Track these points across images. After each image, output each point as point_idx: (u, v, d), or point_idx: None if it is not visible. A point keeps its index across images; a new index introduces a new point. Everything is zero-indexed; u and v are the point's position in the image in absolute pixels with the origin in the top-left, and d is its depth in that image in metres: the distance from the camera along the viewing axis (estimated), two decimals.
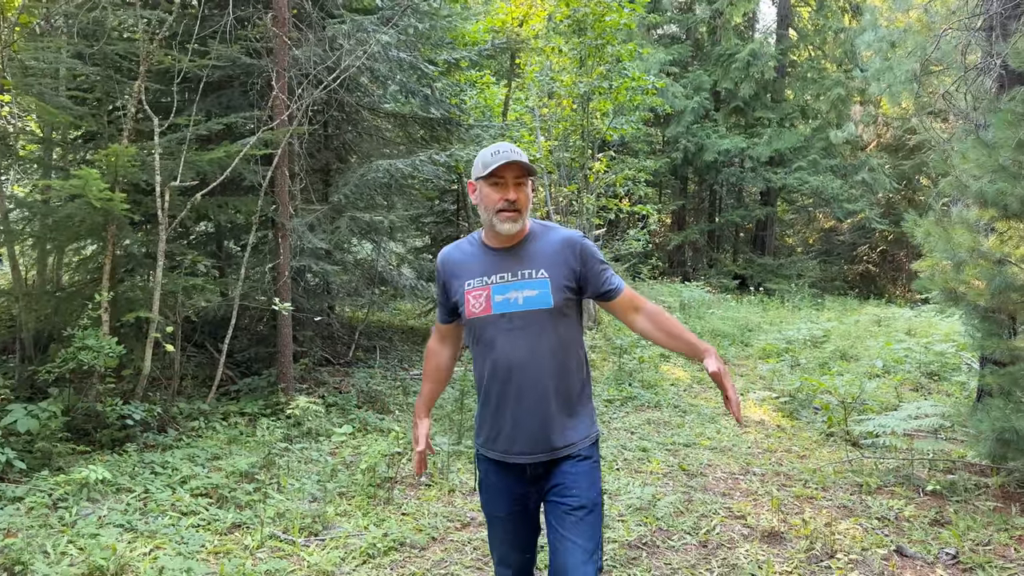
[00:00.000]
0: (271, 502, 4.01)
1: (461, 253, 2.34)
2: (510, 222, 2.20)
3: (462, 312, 2.28)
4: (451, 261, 2.33)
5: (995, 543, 4.06)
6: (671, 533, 4.12)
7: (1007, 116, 4.88)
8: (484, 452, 2.37)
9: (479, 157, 2.26)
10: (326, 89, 5.63)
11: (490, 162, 2.19)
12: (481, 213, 2.27)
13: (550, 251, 2.30)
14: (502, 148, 2.22)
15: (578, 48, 10.41)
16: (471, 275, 2.27)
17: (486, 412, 2.32)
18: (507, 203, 2.19)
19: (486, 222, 2.25)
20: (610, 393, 7.40)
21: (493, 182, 2.20)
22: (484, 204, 2.23)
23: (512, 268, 2.25)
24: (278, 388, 5.65)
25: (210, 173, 5.29)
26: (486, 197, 2.22)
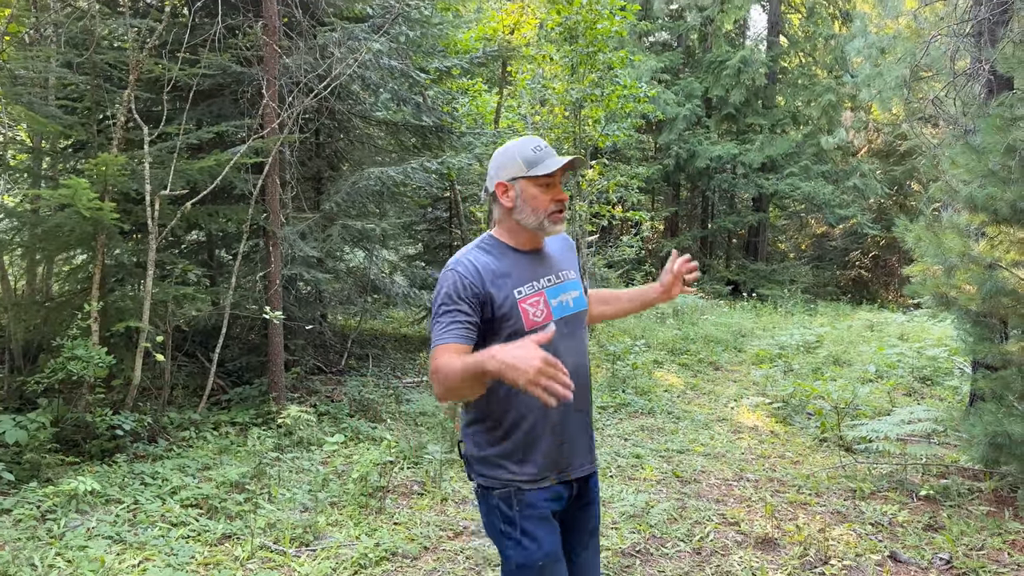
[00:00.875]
0: (262, 512, 3.97)
1: (492, 260, 2.06)
2: (561, 223, 2.08)
3: (511, 324, 2.00)
4: (488, 270, 2.02)
5: (988, 548, 4.06)
6: (665, 540, 4.10)
7: (995, 121, 4.90)
8: (529, 484, 2.04)
9: (513, 153, 2.07)
10: (317, 97, 5.62)
11: (536, 159, 2.03)
12: (523, 216, 2.06)
13: (561, 250, 2.24)
14: (539, 142, 2.07)
15: (569, 56, 10.43)
16: (517, 282, 2.04)
17: (539, 431, 2.04)
18: (559, 204, 2.06)
19: (532, 224, 2.06)
20: (604, 400, 7.38)
21: (543, 183, 2.04)
22: (531, 206, 2.05)
23: (552, 270, 2.14)
24: (269, 397, 5.62)
25: (200, 182, 5.26)
26: (533, 199, 2.04)
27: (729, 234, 23.04)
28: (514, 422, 2.05)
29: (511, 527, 2.03)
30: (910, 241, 5.24)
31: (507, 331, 1.99)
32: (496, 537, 2.09)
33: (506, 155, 2.08)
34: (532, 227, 2.06)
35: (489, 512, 2.09)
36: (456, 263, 2.04)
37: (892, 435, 5.51)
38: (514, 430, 2.05)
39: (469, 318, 1.97)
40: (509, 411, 2.04)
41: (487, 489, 2.07)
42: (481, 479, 2.08)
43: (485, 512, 2.11)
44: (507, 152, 2.08)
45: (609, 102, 11.14)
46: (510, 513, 2.04)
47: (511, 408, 2.04)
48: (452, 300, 1.96)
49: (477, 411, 2.08)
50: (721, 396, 7.99)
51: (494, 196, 2.10)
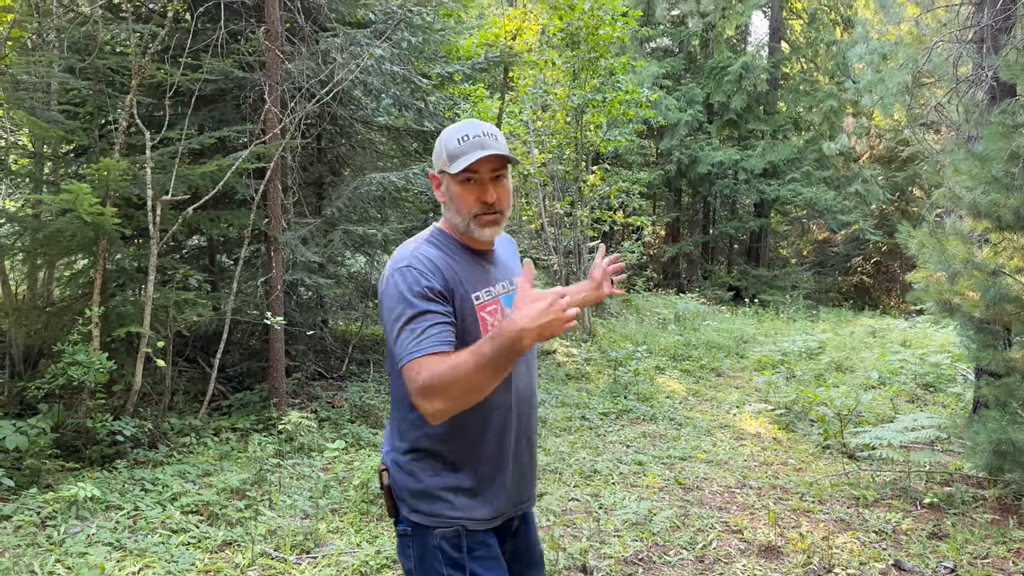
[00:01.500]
0: (262, 519, 3.96)
1: (444, 256, 1.77)
2: (491, 227, 1.77)
3: (467, 336, 1.69)
4: (445, 267, 1.73)
5: (993, 556, 4.03)
6: (667, 548, 4.08)
7: (998, 128, 4.89)
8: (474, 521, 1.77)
9: (441, 141, 1.78)
10: (319, 103, 5.62)
11: (457, 152, 1.73)
12: (450, 215, 1.80)
13: (510, 253, 2.00)
14: (472, 130, 1.75)
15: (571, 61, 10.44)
16: (473, 285, 1.77)
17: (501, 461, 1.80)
18: (484, 207, 1.75)
19: (459, 226, 1.79)
20: (605, 406, 7.36)
21: (464, 179, 1.74)
22: (455, 207, 1.77)
23: (504, 275, 1.88)
24: (270, 403, 5.60)
25: (202, 187, 5.26)
26: (456, 199, 1.76)
27: (731, 240, 23.04)
28: (474, 450, 1.78)
29: (458, 572, 1.74)
30: (913, 247, 5.22)
31: (459, 340, 1.67)
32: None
33: (438, 144, 1.80)
34: (460, 228, 1.79)
35: (426, 555, 1.75)
36: (409, 258, 1.71)
37: (895, 442, 5.48)
38: (472, 459, 1.77)
39: (446, 317, 1.66)
40: (472, 437, 1.76)
41: (425, 528, 1.75)
42: (417, 516, 1.75)
43: (419, 556, 1.77)
44: (440, 141, 1.80)
45: (611, 108, 11.15)
46: (456, 556, 1.74)
47: (476, 433, 1.77)
48: (418, 300, 1.63)
49: (425, 436, 1.75)
50: (723, 402, 7.96)
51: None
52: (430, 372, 1.53)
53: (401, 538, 1.80)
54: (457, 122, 1.85)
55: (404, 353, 1.58)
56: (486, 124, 1.77)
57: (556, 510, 4.51)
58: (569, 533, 4.21)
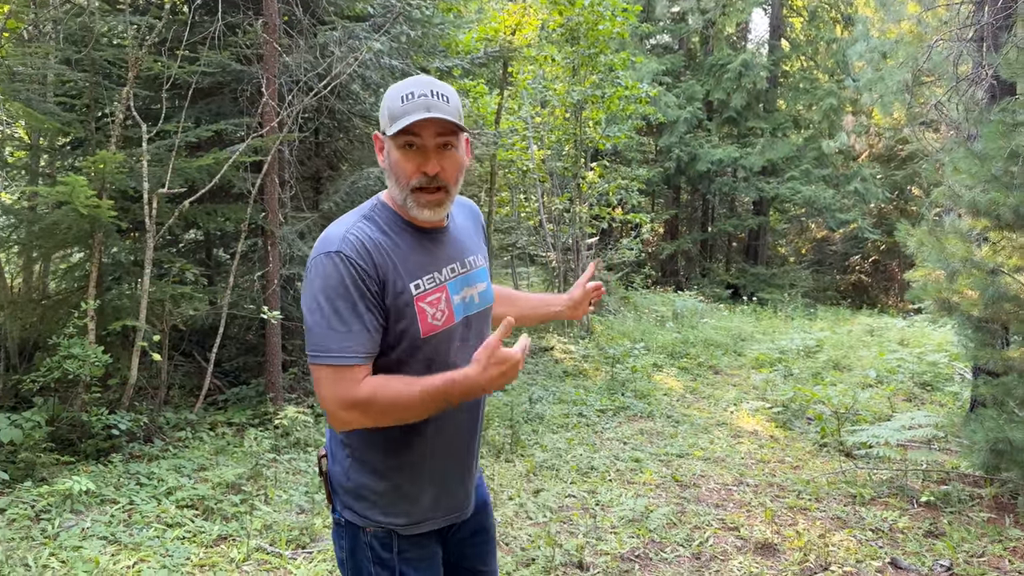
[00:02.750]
0: (258, 514, 3.94)
1: (385, 235, 1.54)
2: (431, 208, 1.55)
3: (401, 327, 1.53)
4: (380, 251, 1.51)
5: (989, 555, 4.03)
6: (664, 545, 4.07)
7: (998, 127, 4.88)
8: (406, 528, 1.65)
9: (385, 98, 1.54)
10: (317, 96, 5.59)
11: (399, 112, 1.48)
12: (390, 186, 1.57)
13: (468, 227, 1.78)
14: (418, 87, 1.50)
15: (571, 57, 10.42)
16: (413, 272, 1.55)
17: (428, 462, 1.65)
18: (424, 178, 1.52)
19: (398, 199, 1.56)
20: (602, 403, 7.35)
21: (404, 143, 1.50)
22: (394, 176, 1.54)
23: (457, 255, 1.66)
24: (266, 398, 5.59)
25: (199, 180, 5.24)
26: (395, 166, 1.53)
27: (729, 237, 23.04)
28: (407, 454, 1.63)
29: (386, 572, 1.64)
30: (912, 245, 5.21)
31: (394, 335, 1.53)
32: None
33: (383, 100, 1.56)
34: (399, 202, 1.57)
35: (356, 550, 1.65)
36: (339, 242, 1.48)
37: (892, 440, 5.48)
38: (403, 463, 1.63)
39: (374, 320, 1.49)
40: (411, 443, 1.62)
41: (355, 526, 1.64)
42: (348, 514, 1.64)
43: (349, 548, 1.66)
44: (384, 97, 1.56)
45: (610, 104, 11.12)
46: (386, 556, 1.64)
47: (414, 440, 1.62)
48: (344, 293, 1.45)
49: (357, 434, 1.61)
50: (721, 400, 7.96)
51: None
52: (374, 390, 1.44)
53: (335, 527, 1.70)
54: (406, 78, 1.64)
55: (326, 351, 1.45)
56: (439, 83, 1.54)
57: (553, 506, 4.51)
58: (566, 529, 4.20)
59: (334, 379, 1.44)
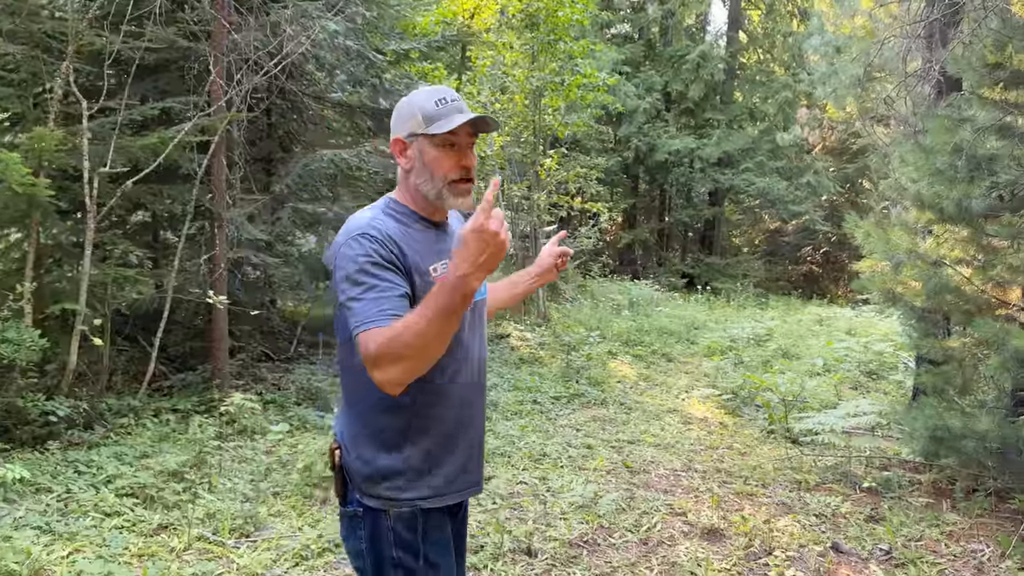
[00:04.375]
0: (201, 502, 3.85)
1: (403, 227, 1.69)
2: (465, 196, 1.71)
3: None
4: (403, 239, 1.65)
5: (927, 539, 4.15)
6: (612, 531, 4.10)
7: (944, 122, 4.99)
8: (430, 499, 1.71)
9: (414, 104, 1.70)
10: (267, 75, 5.45)
11: (437, 115, 1.66)
12: (421, 181, 1.70)
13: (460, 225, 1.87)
14: (447, 94, 1.71)
15: (530, 43, 10.36)
16: (431, 259, 1.69)
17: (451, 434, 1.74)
18: (465, 171, 1.69)
19: (430, 192, 1.70)
20: (557, 390, 7.38)
21: (444, 142, 1.66)
22: (431, 171, 1.68)
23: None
24: (212, 384, 5.46)
25: (143, 160, 5.06)
26: (434, 163, 1.67)
27: (685, 227, 23.30)
28: (435, 423, 1.71)
29: (411, 556, 1.68)
30: (859, 237, 5.31)
31: None
32: (380, 568, 1.70)
33: (406, 107, 1.72)
34: (431, 196, 1.70)
35: (377, 538, 1.69)
36: (365, 227, 1.62)
37: (838, 428, 5.60)
38: (434, 433, 1.71)
39: (403, 289, 1.58)
40: (435, 408, 1.70)
41: (376, 512, 1.67)
42: (370, 499, 1.67)
43: (370, 537, 1.70)
44: (409, 104, 1.72)
45: (569, 92, 11.11)
46: (410, 538, 1.68)
47: (438, 404, 1.71)
48: (378, 269, 1.56)
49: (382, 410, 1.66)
50: (673, 387, 8.05)
51: (393, 157, 1.78)
52: (385, 336, 1.47)
53: (350, 519, 1.71)
54: (421, 87, 1.77)
55: (363, 320, 1.50)
56: (453, 90, 1.74)
57: (503, 493, 4.50)
58: (516, 516, 4.20)
59: (369, 341, 1.48)
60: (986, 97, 4.84)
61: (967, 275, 4.89)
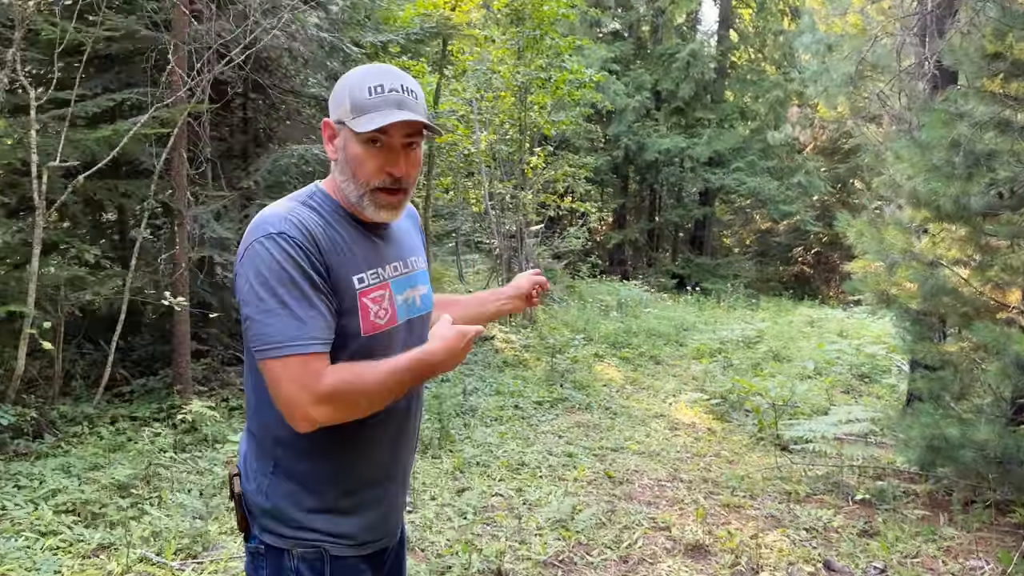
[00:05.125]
0: (147, 519, 3.58)
1: (328, 224, 1.40)
2: (389, 209, 1.44)
3: (344, 326, 1.38)
4: (324, 236, 1.37)
5: (923, 555, 3.92)
6: (591, 548, 3.86)
7: (940, 116, 4.77)
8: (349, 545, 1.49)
9: (347, 85, 1.41)
10: (231, 65, 5.17)
11: (367, 105, 1.36)
12: (343, 179, 1.42)
13: (409, 227, 1.67)
14: (388, 80, 1.39)
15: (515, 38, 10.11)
16: (357, 265, 1.42)
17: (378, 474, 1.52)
18: (389, 179, 1.40)
19: (351, 195, 1.42)
20: (540, 395, 7.12)
21: (370, 139, 1.37)
22: (351, 172, 1.40)
23: (399, 254, 1.54)
24: (174, 390, 5.18)
25: (100, 153, 4.79)
26: (355, 161, 1.39)
27: (676, 228, 23.08)
28: (361, 462, 1.49)
29: None
30: (852, 236, 5.09)
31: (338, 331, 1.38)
32: None
33: (340, 87, 1.42)
34: (351, 199, 1.43)
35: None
36: (281, 223, 1.33)
37: (829, 435, 5.37)
38: (357, 473, 1.49)
39: (328, 305, 1.35)
40: (363, 447, 1.48)
41: (278, 550, 1.45)
42: (269, 536, 1.45)
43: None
44: (343, 84, 1.42)
45: (556, 89, 10.87)
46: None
47: (367, 442, 1.48)
48: (296, 277, 1.30)
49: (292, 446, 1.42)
50: (660, 391, 7.81)
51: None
52: (340, 378, 1.30)
53: (252, 556, 1.49)
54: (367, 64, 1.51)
55: (284, 341, 1.28)
56: (404, 75, 1.42)
57: (476, 506, 4.24)
58: (488, 532, 3.95)
59: (299, 372, 1.29)
60: (984, 90, 4.62)
61: (964, 276, 4.67)
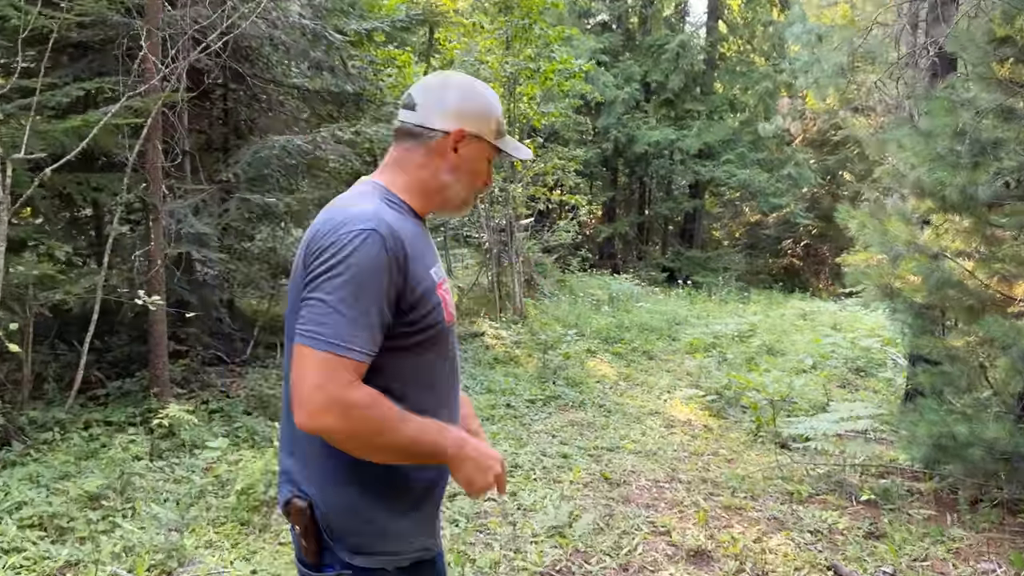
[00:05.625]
0: (119, 533, 3.37)
1: (406, 227, 1.42)
2: (467, 210, 1.63)
3: (432, 317, 1.41)
4: (407, 236, 1.39)
5: (932, 558, 3.78)
6: (589, 555, 3.69)
7: (943, 103, 4.61)
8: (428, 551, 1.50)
9: (491, 105, 1.54)
10: (207, 51, 4.95)
11: (504, 131, 1.57)
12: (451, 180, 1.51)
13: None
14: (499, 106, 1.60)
15: (504, 27, 9.90)
16: (431, 260, 1.49)
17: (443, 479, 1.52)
18: (486, 189, 1.63)
19: (455, 197, 1.53)
20: (532, 393, 6.95)
21: (490, 158, 1.55)
22: (470, 178, 1.53)
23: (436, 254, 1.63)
24: (151, 393, 4.96)
25: (70, 145, 4.55)
26: (476, 173, 1.53)
27: (665, 220, 22.94)
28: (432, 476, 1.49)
29: None
30: (854, 228, 4.93)
31: (424, 326, 1.40)
32: None
33: (483, 104, 1.53)
34: (454, 200, 1.53)
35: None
36: (376, 221, 1.33)
37: (831, 433, 5.23)
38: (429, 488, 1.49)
39: (385, 319, 1.33)
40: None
41: (371, 571, 1.39)
42: (362, 559, 1.38)
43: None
44: (486, 102, 1.53)
45: (545, 79, 10.68)
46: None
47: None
48: (375, 281, 1.30)
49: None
50: (654, 387, 7.66)
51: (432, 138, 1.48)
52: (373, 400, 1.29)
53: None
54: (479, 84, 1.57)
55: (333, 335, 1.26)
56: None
57: (468, 513, 4.06)
58: (482, 540, 3.77)
59: (331, 368, 1.26)
60: (990, 76, 4.46)
61: (969, 268, 4.53)
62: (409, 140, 1.49)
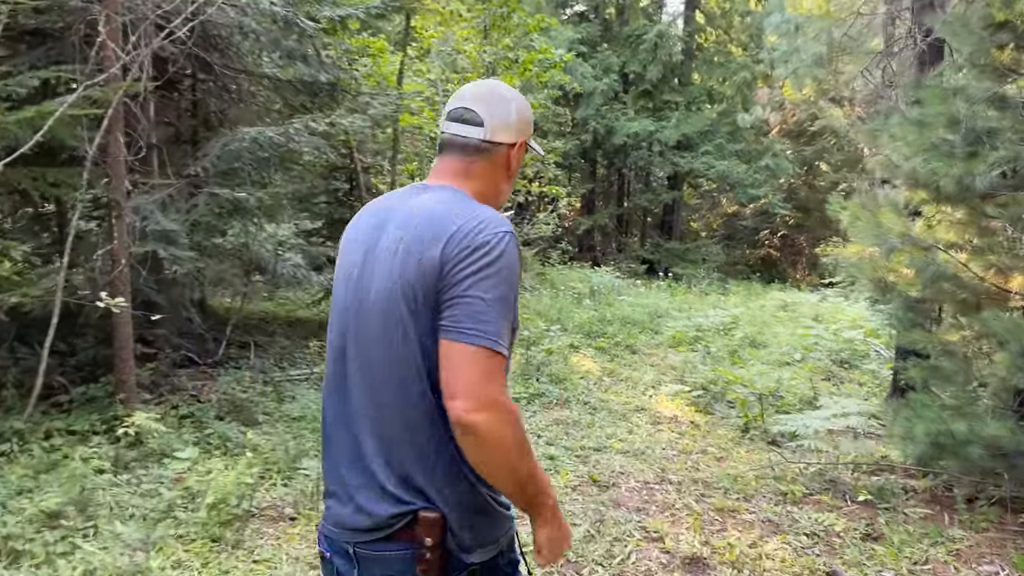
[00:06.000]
0: (79, 555, 3.14)
1: None
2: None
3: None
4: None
5: (933, 561, 3.68)
6: (581, 566, 3.53)
7: (937, 92, 4.50)
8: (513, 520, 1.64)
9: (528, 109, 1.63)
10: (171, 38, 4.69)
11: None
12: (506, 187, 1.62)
13: None
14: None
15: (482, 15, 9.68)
16: None
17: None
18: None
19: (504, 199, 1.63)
20: (516, 390, 6.77)
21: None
22: (515, 177, 1.63)
23: None
24: (116, 399, 4.71)
25: (24, 138, 4.28)
26: (518, 168, 1.63)
27: (644, 212, 22.87)
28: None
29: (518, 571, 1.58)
30: (846, 220, 4.81)
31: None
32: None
33: (529, 110, 1.62)
34: (501, 203, 1.62)
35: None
36: (507, 223, 1.44)
37: (822, 430, 5.13)
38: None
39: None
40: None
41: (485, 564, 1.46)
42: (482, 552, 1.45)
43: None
44: (529, 107, 1.63)
45: (524, 69, 10.48)
46: (517, 556, 1.59)
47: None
48: (517, 283, 1.40)
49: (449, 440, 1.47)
50: (639, 383, 7.52)
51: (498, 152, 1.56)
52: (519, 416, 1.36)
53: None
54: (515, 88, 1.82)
55: (497, 335, 1.32)
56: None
57: None
58: None
59: (492, 367, 1.32)
60: (984, 64, 4.35)
61: (963, 261, 4.43)
62: (475, 154, 1.53)
